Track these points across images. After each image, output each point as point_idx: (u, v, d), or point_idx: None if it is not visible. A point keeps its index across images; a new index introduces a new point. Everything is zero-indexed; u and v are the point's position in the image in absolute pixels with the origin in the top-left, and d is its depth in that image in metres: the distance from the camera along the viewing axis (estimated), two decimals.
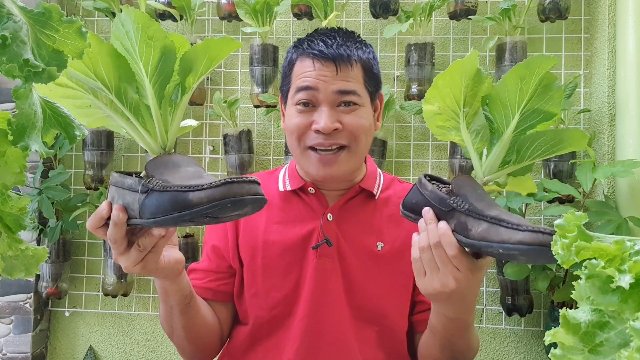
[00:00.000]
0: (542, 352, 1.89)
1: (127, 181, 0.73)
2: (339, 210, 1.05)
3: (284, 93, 1.05)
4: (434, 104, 0.81)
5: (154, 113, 0.75)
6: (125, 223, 0.73)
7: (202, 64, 0.77)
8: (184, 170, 0.72)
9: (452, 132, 0.82)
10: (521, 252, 0.67)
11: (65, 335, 2.06)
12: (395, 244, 1.04)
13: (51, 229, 1.85)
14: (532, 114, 0.77)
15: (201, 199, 0.65)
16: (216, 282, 1.07)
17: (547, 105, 0.76)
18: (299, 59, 1.01)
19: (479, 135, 0.80)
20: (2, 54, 0.42)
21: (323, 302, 1.01)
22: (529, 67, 0.74)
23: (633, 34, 1.74)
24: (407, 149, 1.97)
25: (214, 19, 2.04)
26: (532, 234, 0.67)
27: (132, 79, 0.74)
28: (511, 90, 0.76)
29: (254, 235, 1.06)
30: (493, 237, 0.70)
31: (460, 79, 0.77)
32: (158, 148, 0.77)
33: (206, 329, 1.02)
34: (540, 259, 0.67)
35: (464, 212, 0.74)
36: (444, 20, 1.97)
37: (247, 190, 0.66)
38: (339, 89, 0.96)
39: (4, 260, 0.58)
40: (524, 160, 0.79)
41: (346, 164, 0.99)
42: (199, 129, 2.03)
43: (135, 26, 0.70)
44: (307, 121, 0.98)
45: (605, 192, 1.84)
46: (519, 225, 0.68)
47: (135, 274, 0.81)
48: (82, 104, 0.76)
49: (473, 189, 0.77)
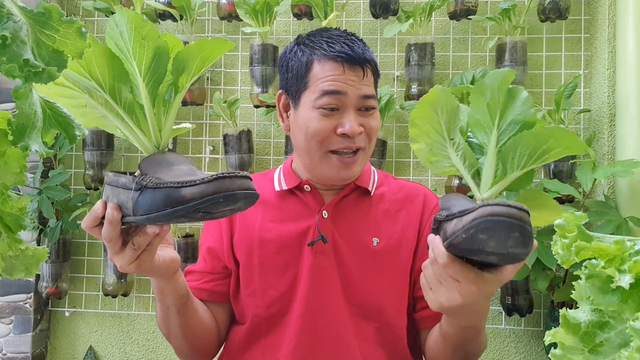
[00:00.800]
0: (542, 352, 1.89)
1: (121, 180, 0.74)
2: (334, 207, 1.05)
3: (293, 94, 1.02)
4: (420, 142, 0.82)
5: (147, 112, 0.76)
6: (119, 221, 0.73)
7: (195, 63, 0.78)
8: (177, 168, 0.72)
9: (446, 164, 0.83)
10: (477, 228, 0.66)
11: (65, 335, 2.06)
12: (391, 240, 1.05)
13: (51, 229, 1.85)
14: (509, 126, 0.77)
15: (194, 195, 0.66)
16: (212, 282, 1.07)
17: (521, 114, 0.76)
18: (318, 61, 0.98)
19: (466, 159, 0.81)
20: (2, 54, 0.42)
21: (320, 299, 1.01)
22: (487, 86, 0.76)
23: (633, 34, 1.74)
24: (407, 149, 1.97)
25: (214, 19, 2.04)
26: (481, 208, 0.67)
27: (126, 79, 0.75)
28: (480, 109, 0.78)
29: (250, 235, 1.06)
30: (458, 226, 0.70)
31: (435, 112, 0.79)
32: (152, 147, 0.78)
33: (203, 329, 1.02)
34: (501, 233, 0.66)
35: (444, 220, 0.75)
36: (444, 20, 1.97)
37: (239, 185, 0.67)
38: (365, 93, 0.97)
39: (4, 260, 0.58)
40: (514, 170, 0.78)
41: (361, 165, 1.02)
42: (199, 129, 2.03)
43: (129, 26, 0.71)
44: (332, 125, 0.96)
45: (605, 192, 1.84)
46: (473, 207, 0.69)
47: (130, 273, 0.81)
48: (78, 104, 0.77)
49: (456, 199, 0.78)
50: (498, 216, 0.65)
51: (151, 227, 0.75)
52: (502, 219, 0.65)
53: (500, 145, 0.78)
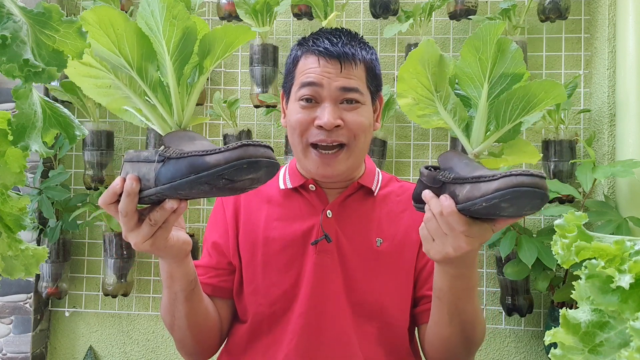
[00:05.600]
0: (542, 352, 1.89)
1: (144, 154, 0.75)
2: (339, 206, 1.05)
3: (286, 90, 1.06)
4: (407, 97, 0.84)
5: (172, 91, 0.79)
6: (137, 193, 0.74)
7: (220, 47, 0.81)
8: (199, 142, 0.74)
9: (434, 118, 0.85)
10: (501, 199, 0.69)
11: (65, 335, 2.06)
12: (395, 240, 1.05)
13: (51, 229, 1.85)
14: (499, 79, 0.80)
15: (219, 161, 0.67)
16: (216, 278, 1.07)
17: (511, 67, 0.79)
18: (303, 56, 1.02)
19: (457, 113, 0.83)
20: (2, 54, 0.42)
21: (322, 298, 1.01)
22: (480, 37, 0.78)
23: (633, 34, 1.74)
24: (407, 149, 1.97)
25: (214, 19, 2.04)
26: (505, 179, 0.69)
27: (153, 58, 0.77)
28: (472, 63, 0.80)
29: (254, 232, 1.06)
30: (475, 194, 0.72)
31: (423, 67, 0.81)
32: (174, 125, 0.80)
33: (207, 321, 1.02)
34: (524, 201, 0.70)
35: (451, 182, 0.78)
36: (444, 20, 1.97)
37: (262, 153, 0.69)
38: (343, 85, 0.98)
39: (4, 260, 0.58)
40: (506, 123, 0.81)
41: (345, 163, 1.00)
42: (199, 129, 2.03)
43: (161, 5, 0.74)
44: (310, 117, 0.98)
45: (605, 192, 1.84)
46: (493, 176, 0.71)
47: (144, 251, 0.81)
48: (103, 84, 0.80)
49: (458, 159, 0.80)
50: (525, 187, 0.68)
51: (169, 201, 0.74)
52: (528, 189, 0.68)
53: (491, 98, 0.81)
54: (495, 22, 0.76)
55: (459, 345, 0.96)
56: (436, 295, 0.94)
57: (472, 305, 0.93)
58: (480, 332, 0.98)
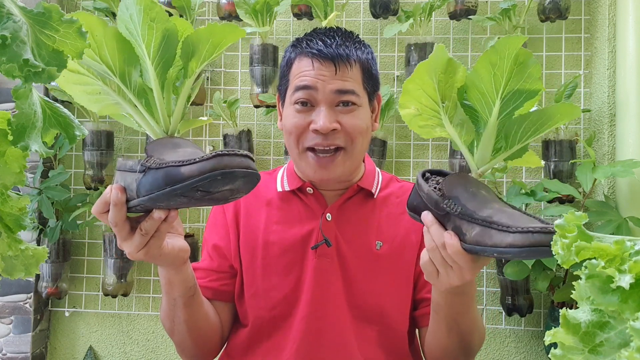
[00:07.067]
0: (542, 352, 1.88)
1: (129, 163, 0.74)
2: (338, 209, 1.04)
3: (281, 92, 1.05)
4: (410, 107, 0.79)
5: (156, 96, 0.76)
6: (124, 203, 0.73)
7: (205, 48, 0.77)
8: (182, 150, 0.72)
9: (437, 129, 0.80)
10: (514, 254, 0.67)
11: (65, 335, 2.06)
12: (394, 243, 1.04)
13: (51, 229, 1.85)
14: (513, 96, 0.75)
15: (192, 172, 0.65)
16: (217, 282, 1.06)
17: (526, 84, 0.73)
18: (297, 58, 1.00)
19: (464, 128, 0.78)
20: (2, 54, 0.42)
21: (323, 302, 1.01)
22: (498, 52, 0.72)
23: (633, 34, 1.74)
24: (407, 149, 1.97)
25: (214, 19, 2.04)
26: (521, 236, 0.66)
27: (136, 63, 0.75)
28: (485, 78, 0.74)
29: (254, 236, 1.05)
30: (486, 241, 0.70)
31: (430, 77, 0.76)
32: (161, 132, 0.78)
33: (207, 325, 1.01)
34: (537, 255, 0.68)
35: (457, 216, 0.74)
36: (444, 20, 1.97)
37: (238, 163, 0.66)
38: (338, 88, 0.96)
39: (4, 260, 0.58)
40: (515, 144, 0.77)
41: (342, 166, 0.99)
42: (199, 129, 2.03)
43: (138, 8, 0.71)
44: (305, 121, 0.97)
45: (605, 192, 1.84)
46: (508, 227, 0.68)
47: (139, 260, 0.81)
48: (93, 90, 0.78)
49: (464, 188, 0.76)
50: (542, 246, 0.65)
51: (157, 211, 0.74)
52: (545, 249, 0.65)
53: (502, 116, 0.76)
54: (514, 36, 0.70)
55: (457, 352, 0.96)
56: (434, 309, 0.93)
57: (470, 316, 0.93)
58: (479, 338, 0.98)
